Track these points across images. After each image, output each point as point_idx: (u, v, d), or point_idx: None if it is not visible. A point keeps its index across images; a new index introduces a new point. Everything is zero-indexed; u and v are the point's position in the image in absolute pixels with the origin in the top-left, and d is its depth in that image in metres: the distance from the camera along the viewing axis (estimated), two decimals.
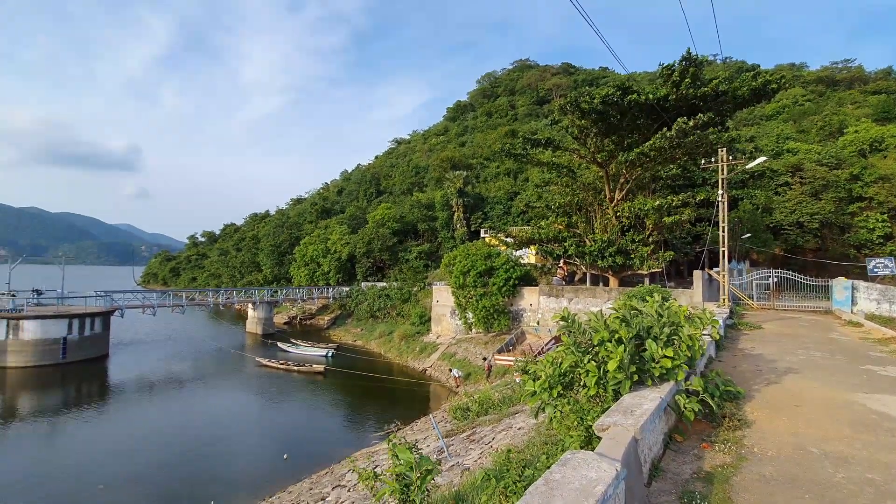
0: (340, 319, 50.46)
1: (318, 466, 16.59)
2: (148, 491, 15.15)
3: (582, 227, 30.39)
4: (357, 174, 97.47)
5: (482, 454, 9.46)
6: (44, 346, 30.93)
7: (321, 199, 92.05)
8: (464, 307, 32.04)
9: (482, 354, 28.77)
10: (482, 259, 31.26)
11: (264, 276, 71.50)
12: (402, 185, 74.58)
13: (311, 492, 13.16)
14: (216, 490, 14.85)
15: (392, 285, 47.13)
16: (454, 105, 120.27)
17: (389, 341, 38.48)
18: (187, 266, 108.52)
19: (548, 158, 30.46)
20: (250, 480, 16.15)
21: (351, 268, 57.37)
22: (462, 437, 12.41)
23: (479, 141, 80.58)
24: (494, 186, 57.92)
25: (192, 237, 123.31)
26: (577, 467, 3.10)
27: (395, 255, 54.75)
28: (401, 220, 57.43)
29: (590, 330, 5.53)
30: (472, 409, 15.33)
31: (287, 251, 69.40)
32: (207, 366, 34.53)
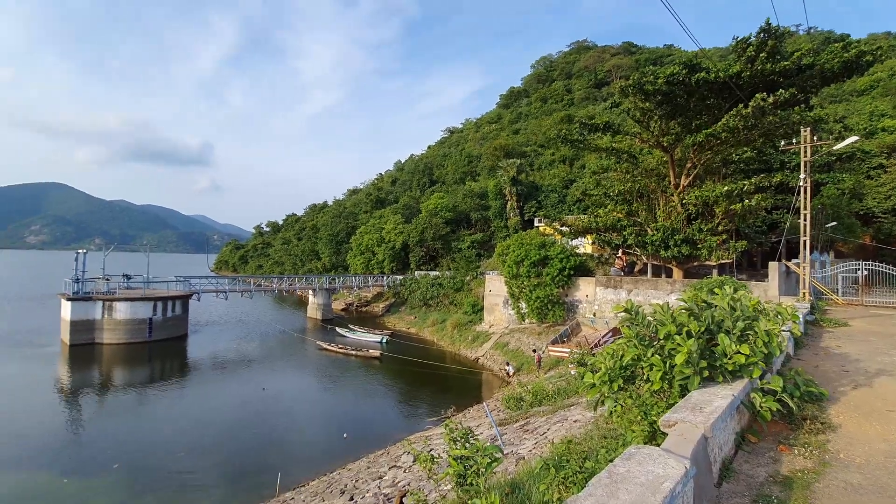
0: (394, 307, 51.78)
1: (374, 446, 17.27)
2: (221, 459, 16.49)
3: (643, 215, 28.99)
4: (410, 164, 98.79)
5: (536, 444, 9.41)
6: (133, 326, 34.32)
7: (376, 189, 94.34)
8: (517, 297, 31.76)
9: (535, 345, 28.45)
10: (536, 248, 30.75)
11: (323, 264, 74.71)
12: (454, 174, 74.70)
13: (369, 470, 13.71)
14: (282, 462, 15.89)
15: (445, 274, 47.61)
16: (507, 92, 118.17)
17: (442, 329, 39.01)
18: (254, 254, 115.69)
19: (607, 144, 29.17)
20: (312, 455, 17.13)
21: (404, 256, 58.54)
22: (515, 426, 12.40)
23: (534, 128, 78.81)
24: (549, 174, 56.56)
25: (258, 227, 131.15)
26: (643, 462, 3.00)
27: (448, 245, 55.16)
28: (453, 210, 57.65)
29: (654, 322, 5.30)
30: (525, 400, 15.25)
31: (344, 240, 71.99)
32: (273, 347, 36.80)
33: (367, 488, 10.97)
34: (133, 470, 15.37)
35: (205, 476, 15.27)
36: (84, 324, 33.18)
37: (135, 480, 14.70)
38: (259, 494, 13.91)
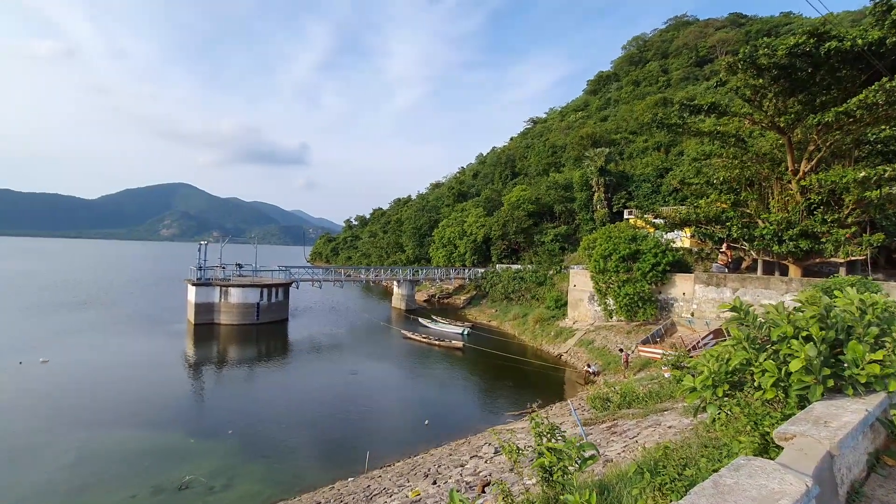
0: (475, 300, 52.16)
1: (454, 435, 17.68)
2: (316, 434, 17.94)
3: (753, 205, 26.02)
4: (492, 157, 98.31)
5: (626, 448, 8.97)
6: (244, 309, 38.45)
7: (458, 182, 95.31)
8: (604, 293, 30.34)
9: (623, 344, 27.01)
10: (626, 242, 29.07)
11: (407, 257, 77.36)
12: (537, 165, 72.94)
13: (451, 457, 14.05)
14: (369, 442, 16.87)
15: (527, 268, 46.90)
16: (595, 77, 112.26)
17: (523, 324, 38.54)
18: (344, 246, 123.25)
19: (710, 127, 26.46)
20: (396, 438, 17.97)
21: (486, 250, 58.60)
22: (602, 427, 11.91)
23: (624, 113, 74.14)
24: (641, 163, 52.85)
25: (348, 221, 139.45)
26: (754, 475, 2.73)
27: (531, 238, 54.17)
28: (536, 202, 56.40)
29: (767, 324, 4.76)
30: (612, 401, 14.57)
31: (427, 233, 73.84)
32: (361, 334, 39.06)
33: (449, 474, 11.26)
34: (244, 436, 17.32)
35: (302, 447, 16.75)
36: (205, 306, 37.88)
37: (245, 446, 16.55)
38: (350, 469, 14.92)
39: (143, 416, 18.96)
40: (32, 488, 13.33)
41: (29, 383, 22.61)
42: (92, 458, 15.23)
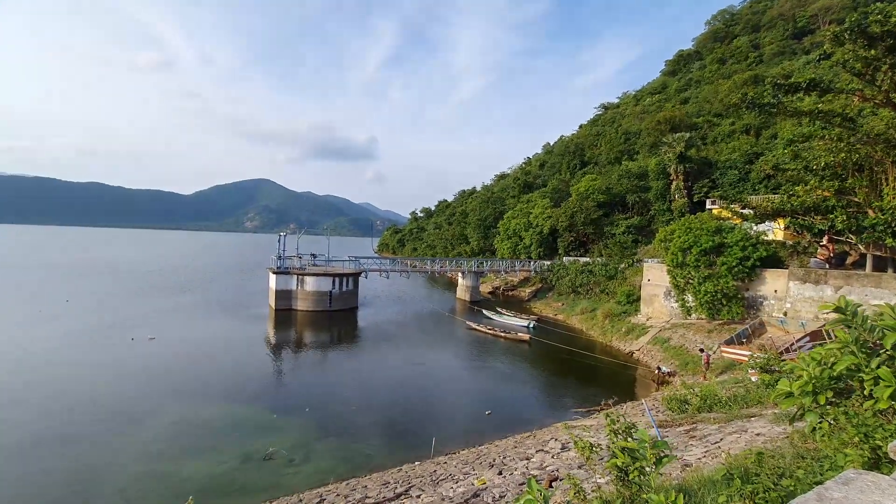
0: (541, 293, 51.21)
1: (518, 428, 17.61)
2: (384, 418, 18.67)
3: (862, 193, 22.98)
4: (560, 146, 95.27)
5: (707, 453, 8.42)
6: (318, 297, 40.79)
7: (523, 173, 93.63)
8: (682, 289, 28.48)
9: (704, 344, 25.24)
10: (708, 234, 27.01)
11: (471, 248, 77.62)
12: (608, 154, 69.60)
13: (516, 450, 14.02)
14: (434, 429, 17.28)
15: (596, 261, 45.17)
16: (675, 56, 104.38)
17: (592, 318, 37.26)
18: (410, 238, 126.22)
19: (810, 106, 23.56)
20: (460, 427, 18.24)
21: (552, 242, 57.20)
22: (679, 430, 11.27)
23: (708, 95, 68.41)
24: (727, 148, 48.50)
25: (413, 213, 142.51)
26: (866, 491, 2.46)
27: (600, 230, 52.04)
28: (607, 192, 53.99)
29: (880, 327, 4.22)
30: (691, 403, 13.70)
31: (491, 225, 73.50)
32: (426, 324, 39.93)
33: (514, 466, 11.26)
34: (318, 415, 18.49)
35: (371, 429, 17.54)
36: (284, 293, 40.69)
37: (320, 424, 17.67)
38: (417, 453, 15.41)
39: (233, 391, 20.88)
40: (143, 448, 15.22)
41: (138, 357, 25.75)
42: (189, 426, 17.06)
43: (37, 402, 18.83)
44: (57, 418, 17.29)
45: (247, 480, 13.51)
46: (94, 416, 17.66)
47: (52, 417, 17.36)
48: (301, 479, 13.71)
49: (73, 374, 22.52)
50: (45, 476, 13.41)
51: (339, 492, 12.04)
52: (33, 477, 13.36)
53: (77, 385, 20.96)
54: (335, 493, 11.88)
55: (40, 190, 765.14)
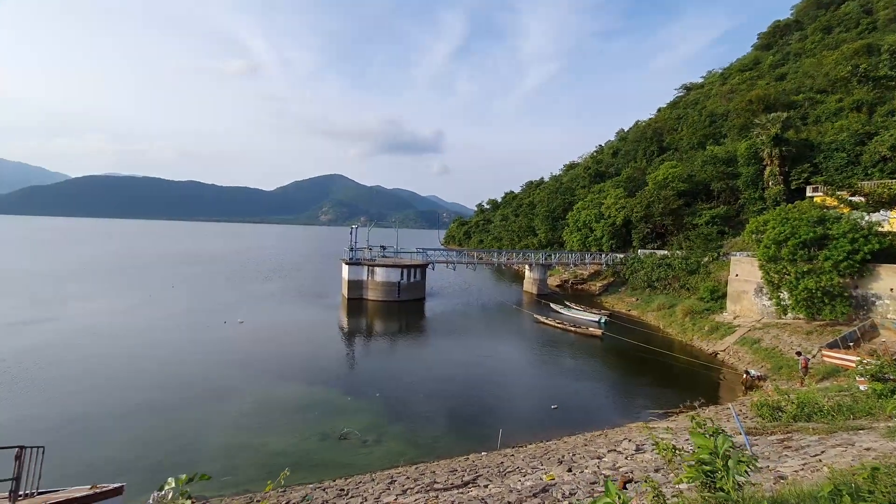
0: (613, 287, 49.00)
1: (587, 426, 17.09)
2: (450, 407, 18.92)
3: None
4: (635, 132, 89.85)
5: (805, 466, 7.60)
6: (387, 287, 42.19)
7: (594, 162, 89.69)
8: (776, 285, 25.81)
9: (801, 346, 22.77)
10: (808, 225, 24.18)
11: (539, 240, 76.00)
12: (690, 138, 64.49)
13: (586, 448, 13.60)
14: (500, 421, 17.23)
15: (675, 254, 42.27)
16: (770, 28, 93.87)
17: (670, 315, 35.00)
18: (476, 230, 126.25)
19: None
20: (527, 420, 18.01)
21: (626, 234, 54.37)
22: (771, 439, 10.27)
23: (809, 68, 60.90)
24: (832, 128, 42.84)
25: (480, 205, 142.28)
26: None
27: (680, 220, 48.57)
28: (688, 180, 50.15)
29: None
30: (786, 411, 12.42)
31: (560, 216, 71.38)
32: (492, 316, 39.81)
33: (585, 464, 10.93)
34: (388, 400, 19.18)
35: (439, 417, 17.88)
36: (356, 283, 42.57)
37: (390, 408, 18.34)
38: (483, 444, 15.49)
39: (310, 373, 22.29)
40: (234, 421, 16.74)
41: (230, 339, 28.31)
42: (273, 403, 18.48)
43: (145, 374, 21.41)
44: (161, 390, 19.54)
45: (325, 457, 14.40)
46: (192, 389, 19.73)
47: (157, 389, 19.64)
48: (373, 460, 14.36)
49: (175, 351, 25.33)
50: (151, 438, 15.24)
51: (409, 475, 12.43)
52: (142, 438, 15.23)
53: (178, 362, 23.52)
54: (405, 476, 12.28)
55: (148, 188, 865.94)
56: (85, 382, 20.05)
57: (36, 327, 28.88)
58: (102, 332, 28.69)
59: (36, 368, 21.45)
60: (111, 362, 22.92)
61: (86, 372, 21.33)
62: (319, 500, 10.83)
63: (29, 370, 21.15)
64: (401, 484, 11.50)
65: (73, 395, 18.61)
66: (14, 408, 17.28)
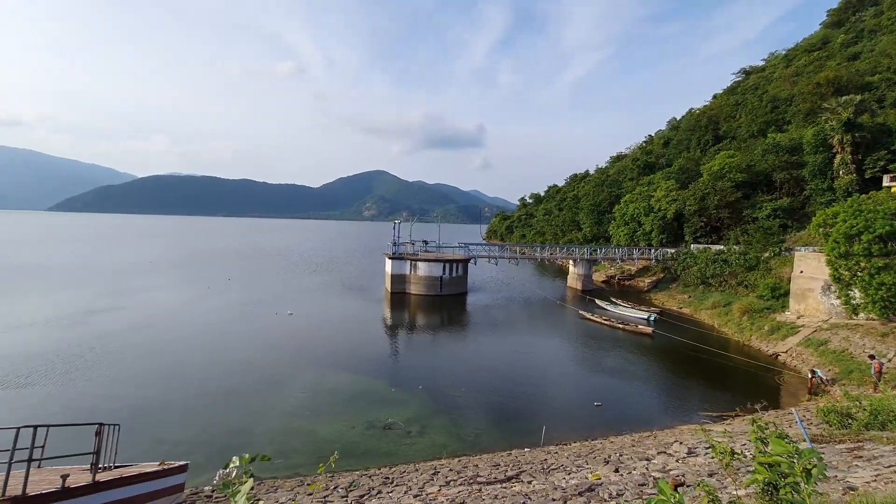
0: (663, 283, 47.05)
1: (635, 426, 16.63)
2: (492, 402, 18.87)
3: None
4: (688, 121, 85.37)
5: (878, 477, 7.05)
6: (429, 281, 42.60)
7: (643, 153, 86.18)
8: (846, 282, 23.85)
9: (875, 349, 20.98)
10: (885, 217, 22.15)
11: (583, 235, 74.12)
12: (750, 126, 60.52)
13: (634, 448, 13.23)
14: (543, 418, 17.03)
15: (732, 249, 39.98)
16: (841, 3, 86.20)
17: (726, 314, 33.20)
18: (518, 224, 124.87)
19: None
20: (571, 418, 17.69)
21: (678, 227, 52.02)
22: (840, 447, 9.57)
23: (886, 46, 55.50)
24: None
25: (522, 199, 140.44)
26: None
27: (738, 213, 45.87)
28: (747, 170, 47.20)
29: None
30: (857, 418, 11.53)
31: (606, 210, 69.25)
32: (535, 311, 39.32)
33: (633, 465, 10.63)
34: (430, 393, 19.43)
35: (481, 411, 17.91)
36: (399, 277, 43.27)
37: (433, 401, 18.57)
38: (526, 440, 15.40)
39: (356, 364, 22.95)
40: (284, 407, 17.54)
41: (281, 330, 29.62)
42: (322, 392, 19.19)
43: (204, 361, 22.82)
44: (219, 375, 20.76)
45: (370, 445, 14.83)
46: (247, 375, 20.83)
47: (216, 374, 20.88)
48: (416, 451, 14.63)
49: (231, 340, 26.82)
50: (210, 420, 16.25)
51: (452, 467, 12.58)
52: (202, 419, 16.27)
53: (234, 350, 24.89)
54: (448, 468, 12.44)
55: (206, 186, 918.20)
56: (152, 367, 21.67)
57: (110, 315, 31.45)
58: (167, 320, 30.85)
59: (111, 353, 23.40)
60: (175, 349, 24.61)
61: (153, 357, 23.03)
62: (365, 486, 11.18)
63: (105, 355, 23.10)
64: (444, 475, 11.66)
65: (142, 378, 20.16)
66: (93, 389, 18.95)
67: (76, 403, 17.33)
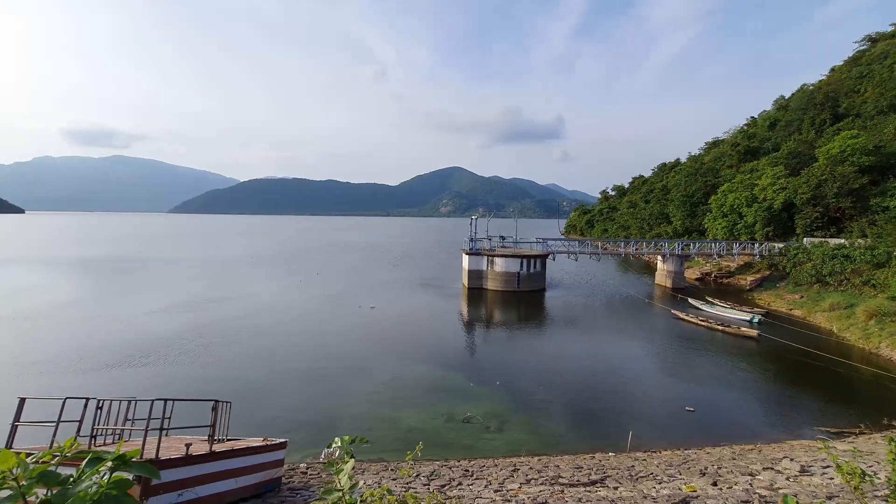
0: (769, 282, 42.27)
1: (734, 437, 15.20)
2: (573, 402, 18.24)
3: None
4: (800, 98, 75.46)
5: None
6: (506, 277, 42.26)
7: (745, 137, 77.84)
8: None
9: None
10: None
11: (674, 228, 68.96)
12: (878, 101, 52.09)
13: (734, 462, 12.09)
14: (628, 422, 16.13)
15: (856, 243, 34.84)
16: None
17: (848, 317, 29.04)
18: (600, 218, 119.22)
19: None
20: (659, 424, 16.55)
21: (787, 219, 46.43)
22: None
23: None
24: None
25: (604, 191, 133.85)
26: None
27: (863, 202, 39.84)
28: (875, 153, 40.75)
29: None
30: None
31: (700, 201, 63.77)
32: (619, 310, 37.35)
33: (734, 480, 9.71)
34: (508, 389, 19.28)
35: (561, 410, 17.42)
36: (476, 273, 43.45)
37: (511, 397, 18.43)
38: (611, 444, 14.72)
39: (435, 357, 23.47)
40: (369, 396, 18.44)
41: (364, 322, 31.17)
42: (403, 383, 19.89)
43: (298, 348, 24.72)
44: (311, 362, 22.37)
45: (450, 437, 15.11)
46: (335, 363, 22.22)
47: (308, 361, 22.52)
48: (495, 446, 14.63)
49: (321, 330, 28.77)
50: (304, 402, 17.56)
51: (532, 465, 12.40)
52: (297, 401, 17.64)
53: (324, 339, 26.68)
54: (528, 466, 12.29)
55: (296, 188, 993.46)
56: (253, 352, 23.94)
57: (217, 305, 35.27)
58: (266, 310, 33.88)
59: (218, 338, 26.24)
60: (272, 336, 26.96)
61: (254, 343, 25.44)
62: (446, 476, 11.41)
63: (213, 339, 25.96)
64: (524, 473, 11.54)
65: (244, 362, 22.36)
66: (204, 369, 21.39)
67: (185, 382, 19.66)
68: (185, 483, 7.18)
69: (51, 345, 24.38)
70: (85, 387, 18.10)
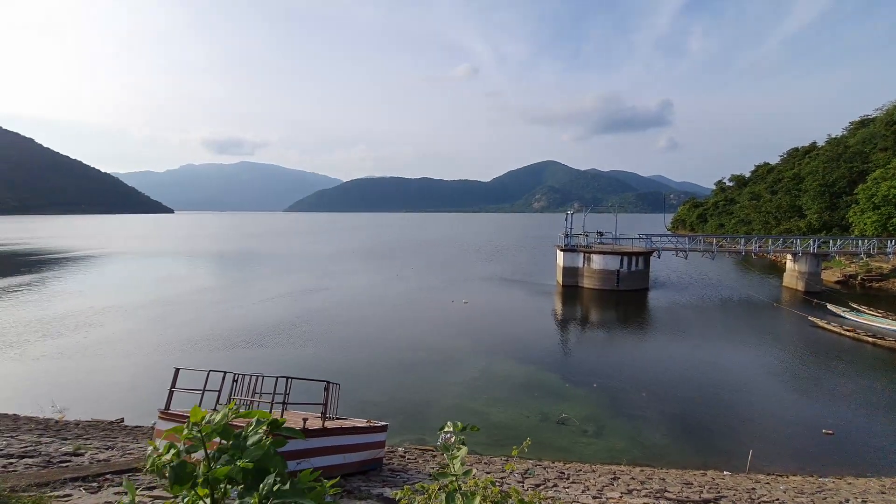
0: None
1: (882, 468, 12.86)
2: (680, 412, 16.66)
3: None
4: None
5: None
6: (605, 275, 40.12)
7: None
8: None
9: None
10: None
11: (807, 223, 59.92)
12: None
13: (883, 496, 10.23)
14: (748, 439, 14.40)
15: None
16: None
17: None
18: (714, 212, 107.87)
19: None
20: (786, 446, 14.54)
21: None
22: None
23: None
24: None
25: (720, 182, 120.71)
26: None
27: None
28: None
29: None
30: None
31: (843, 191, 54.59)
32: (738, 314, 33.46)
33: None
34: (606, 391, 18.31)
35: (665, 421, 16.05)
36: (571, 270, 41.90)
37: (609, 401, 17.47)
38: (725, 462, 13.31)
39: (527, 354, 23.11)
40: (461, 388, 18.74)
41: (458, 315, 31.77)
42: (495, 378, 19.90)
43: (395, 338, 25.99)
44: (407, 352, 23.35)
45: (543, 437, 14.79)
46: (430, 354, 22.97)
47: (404, 351, 23.54)
48: (593, 451, 14.01)
49: (416, 321, 29.98)
50: (401, 390, 18.39)
51: (634, 475, 11.68)
52: (394, 388, 18.53)
53: (419, 330, 27.73)
54: (629, 476, 11.60)
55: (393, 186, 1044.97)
56: (354, 340, 25.70)
57: (322, 294, 38.48)
58: (366, 301, 36.16)
59: (323, 325, 28.61)
60: (372, 325, 28.70)
61: (355, 332, 27.30)
62: (541, 476, 11.22)
63: (318, 326, 28.35)
64: (625, 483, 10.91)
65: (347, 347, 24.11)
66: (313, 352, 23.47)
67: (295, 363, 21.63)
68: (303, 453, 7.96)
69: (187, 326, 28.57)
70: (214, 362, 20.92)
